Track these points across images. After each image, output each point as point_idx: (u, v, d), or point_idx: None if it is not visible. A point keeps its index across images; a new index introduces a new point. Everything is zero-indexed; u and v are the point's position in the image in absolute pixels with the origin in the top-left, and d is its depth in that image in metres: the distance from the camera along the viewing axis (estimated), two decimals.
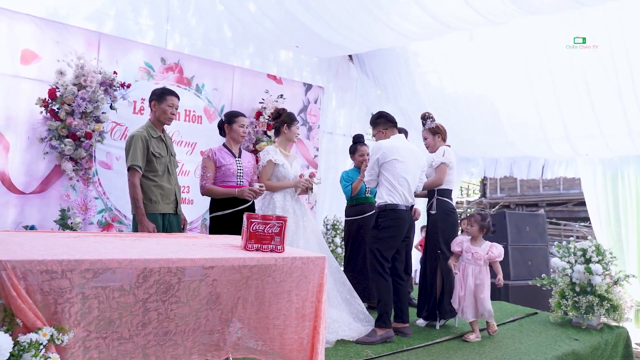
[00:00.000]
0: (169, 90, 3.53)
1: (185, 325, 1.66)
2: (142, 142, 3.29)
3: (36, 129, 4.13)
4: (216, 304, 1.73)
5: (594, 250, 3.89)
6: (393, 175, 3.44)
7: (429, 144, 3.95)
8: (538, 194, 16.28)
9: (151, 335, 1.59)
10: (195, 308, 1.67)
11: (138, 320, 1.55)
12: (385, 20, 4.88)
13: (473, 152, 7.08)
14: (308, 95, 6.28)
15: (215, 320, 1.74)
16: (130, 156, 3.26)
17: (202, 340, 1.72)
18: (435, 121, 3.94)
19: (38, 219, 4.16)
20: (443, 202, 3.77)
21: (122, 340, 1.53)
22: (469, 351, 3.20)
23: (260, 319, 1.86)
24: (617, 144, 5.45)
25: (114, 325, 1.51)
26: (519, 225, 5.72)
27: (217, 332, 1.76)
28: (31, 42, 4.12)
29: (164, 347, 1.62)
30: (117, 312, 1.51)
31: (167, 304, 1.60)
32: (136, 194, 3.25)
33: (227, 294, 1.75)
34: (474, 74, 5.91)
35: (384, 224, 3.42)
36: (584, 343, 3.54)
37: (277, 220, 1.94)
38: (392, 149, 3.49)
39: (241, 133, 3.66)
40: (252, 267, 1.78)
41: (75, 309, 1.42)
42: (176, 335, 1.64)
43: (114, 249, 1.71)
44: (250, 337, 1.84)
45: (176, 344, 1.65)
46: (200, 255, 1.70)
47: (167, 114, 3.46)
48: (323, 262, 1.97)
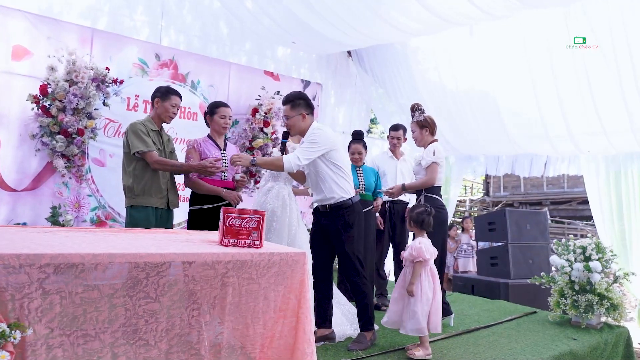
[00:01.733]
0: (174, 90, 3.52)
1: (156, 323, 1.60)
2: (144, 129, 3.30)
3: (28, 125, 4.11)
4: (190, 302, 1.67)
5: (593, 248, 3.79)
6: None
7: (417, 138, 3.84)
8: (542, 192, 16.08)
9: (119, 333, 1.53)
10: (166, 305, 1.62)
11: (104, 316, 1.50)
12: (384, 15, 4.81)
13: (475, 149, 6.99)
14: (306, 92, 6.22)
15: (191, 320, 1.67)
16: (138, 142, 3.24)
17: (178, 343, 1.65)
18: (425, 113, 3.79)
19: (30, 217, 4.13)
20: (431, 199, 3.63)
21: (87, 338, 1.48)
22: (462, 351, 3.13)
23: (239, 318, 1.79)
24: (620, 141, 5.35)
25: (78, 322, 1.45)
26: (520, 223, 5.63)
27: (194, 333, 1.70)
28: (23, 38, 4.10)
29: (134, 347, 1.56)
30: (82, 308, 1.46)
31: (134, 299, 1.54)
32: (164, 167, 3.32)
33: (202, 292, 1.69)
34: (475, 71, 5.82)
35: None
36: (583, 343, 3.45)
37: (255, 215, 1.88)
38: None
39: (222, 124, 3.60)
40: (227, 263, 1.72)
41: (35, 304, 1.36)
42: (147, 334, 1.58)
43: (82, 243, 1.65)
44: (230, 338, 1.78)
45: (148, 344, 1.59)
46: (172, 250, 1.64)
47: (169, 112, 3.46)
48: (303, 258, 1.91)
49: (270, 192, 3.71)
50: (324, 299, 3.18)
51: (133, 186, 3.28)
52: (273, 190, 3.71)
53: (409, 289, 2.97)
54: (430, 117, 3.81)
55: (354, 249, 3.10)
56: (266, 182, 3.87)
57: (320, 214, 3.18)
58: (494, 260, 5.59)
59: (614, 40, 4.64)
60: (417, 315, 2.92)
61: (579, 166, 6.22)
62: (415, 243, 3.05)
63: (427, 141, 3.78)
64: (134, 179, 3.28)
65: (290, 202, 3.69)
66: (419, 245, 3.00)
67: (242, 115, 5.51)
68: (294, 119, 3.10)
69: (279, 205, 3.61)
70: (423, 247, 2.98)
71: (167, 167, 3.36)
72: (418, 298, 2.95)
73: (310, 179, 3.26)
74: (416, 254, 2.98)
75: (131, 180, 3.28)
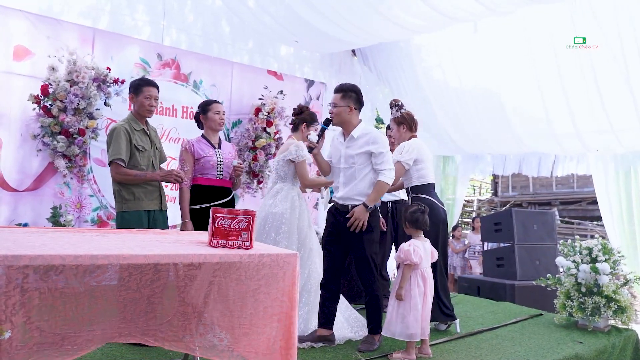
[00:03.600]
0: (145, 81, 3.39)
1: (135, 306, 1.56)
2: (125, 134, 3.18)
3: (29, 125, 4.11)
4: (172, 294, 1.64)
5: (600, 249, 3.71)
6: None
7: (393, 135, 3.74)
8: (551, 192, 15.89)
9: (96, 316, 1.49)
10: (146, 294, 1.57)
11: (83, 305, 1.46)
12: (386, 13, 4.76)
13: (481, 148, 6.91)
14: (310, 91, 6.18)
15: (172, 308, 1.64)
16: (112, 150, 3.15)
17: (157, 324, 1.61)
18: (403, 109, 3.68)
19: (31, 217, 4.13)
20: (419, 199, 3.46)
21: (66, 320, 1.44)
22: (464, 354, 3.07)
23: (227, 319, 1.76)
24: (629, 139, 5.25)
25: (57, 310, 1.42)
26: (527, 223, 5.53)
27: (176, 321, 1.66)
28: (24, 38, 4.10)
29: (111, 323, 1.52)
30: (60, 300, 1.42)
31: (116, 291, 1.51)
32: (126, 179, 3.17)
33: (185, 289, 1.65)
34: (479, 68, 5.75)
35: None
36: (589, 346, 3.37)
37: (245, 215, 1.84)
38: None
39: (218, 120, 3.56)
40: (214, 265, 1.68)
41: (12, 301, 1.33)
42: (124, 313, 1.54)
43: (65, 244, 1.63)
44: (215, 337, 1.74)
45: (125, 319, 1.54)
46: (158, 251, 1.61)
47: (145, 106, 3.29)
48: (294, 259, 1.87)
49: (279, 194, 3.54)
50: (331, 299, 3.15)
51: (122, 191, 3.21)
52: (282, 192, 3.54)
53: (397, 292, 2.91)
54: (409, 113, 3.66)
55: (372, 251, 3.09)
56: (274, 183, 3.71)
57: (340, 214, 3.15)
58: (500, 261, 5.51)
59: (621, 36, 4.55)
60: (406, 320, 2.86)
61: (587, 165, 6.12)
62: (404, 245, 2.97)
63: (405, 138, 3.64)
64: (122, 184, 3.22)
65: (300, 204, 3.54)
66: (407, 247, 2.92)
67: (245, 115, 5.49)
68: (341, 109, 3.12)
69: (288, 207, 3.45)
70: (412, 249, 2.90)
71: (129, 178, 3.19)
72: (408, 302, 2.88)
73: (341, 173, 3.19)
74: (404, 257, 2.90)
75: (119, 185, 3.22)
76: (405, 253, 2.91)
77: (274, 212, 3.41)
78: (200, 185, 3.50)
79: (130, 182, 3.21)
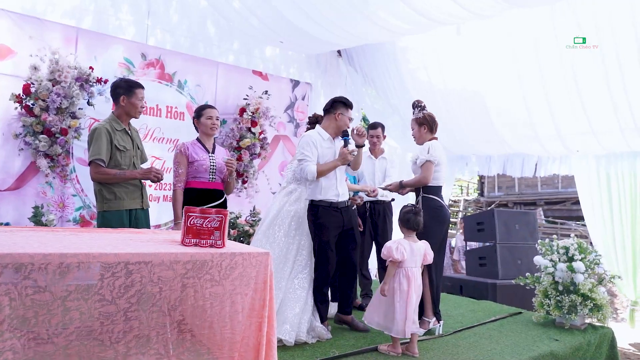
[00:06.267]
0: (136, 83, 3.44)
1: (112, 325, 1.58)
2: (106, 135, 3.20)
3: (11, 125, 4.09)
4: (148, 304, 1.65)
5: (576, 248, 3.78)
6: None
7: (415, 135, 3.79)
8: (536, 192, 16.06)
9: (73, 336, 1.51)
10: (123, 307, 1.60)
11: (57, 320, 1.48)
12: (371, 15, 4.79)
13: (465, 149, 6.97)
14: (295, 91, 6.21)
15: (150, 322, 1.65)
16: (92, 150, 3.17)
17: (136, 345, 1.63)
18: (425, 110, 3.72)
19: (13, 216, 4.12)
20: (429, 199, 3.56)
21: (39, 341, 1.46)
22: (441, 352, 3.11)
23: (203, 321, 1.77)
24: (609, 141, 5.34)
25: (29, 324, 1.44)
26: (509, 223, 5.61)
27: (155, 337, 1.67)
28: (6, 37, 4.08)
29: (88, 347, 1.55)
30: (33, 311, 1.44)
31: (90, 302, 1.52)
32: (106, 179, 3.20)
33: (161, 294, 1.67)
34: (463, 70, 5.81)
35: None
36: (565, 344, 3.43)
37: (217, 215, 1.86)
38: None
39: (210, 125, 3.59)
40: (186, 264, 1.70)
41: None
42: (102, 334, 1.57)
43: (35, 242, 1.64)
44: (195, 342, 1.76)
45: (103, 344, 1.57)
46: (129, 250, 1.63)
47: (137, 107, 3.38)
48: (266, 258, 1.89)
49: (292, 194, 3.63)
50: (349, 287, 3.51)
51: (103, 191, 3.22)
52: (295, 193, 3.63)
53: (380, 288, 2.98)
54: (430, 114, 3.70)
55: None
56: (288, 183, 3.76)
57: (345, 211, 3.46)
58: (483, 261, 5.58)
59: (600, 38, 4.62)
60: (388, 316, 2.93)
61: (570, 166, 6.21)
62: (389, 242, 3.04)
63: (425, 139, 3.67)
64: (103, 184, 3.23)
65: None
66: (390, 244, 2.99)
67: (230, 115, 5.50)
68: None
69: (302, 207, 3.56)
70: (395, 247, 2.95)
71: (108, 177, 3.21)
72: (390, 299, 2.94)
73: (336, 173, 3.42)
74: (387, 253, 2.96)
75: (100, 185, 3.24)
76: (387, 250, 2.98)
77: (289, 209, 3.56)
78: (193, 188, 3.53)
79: (110, 181, 3.23)
